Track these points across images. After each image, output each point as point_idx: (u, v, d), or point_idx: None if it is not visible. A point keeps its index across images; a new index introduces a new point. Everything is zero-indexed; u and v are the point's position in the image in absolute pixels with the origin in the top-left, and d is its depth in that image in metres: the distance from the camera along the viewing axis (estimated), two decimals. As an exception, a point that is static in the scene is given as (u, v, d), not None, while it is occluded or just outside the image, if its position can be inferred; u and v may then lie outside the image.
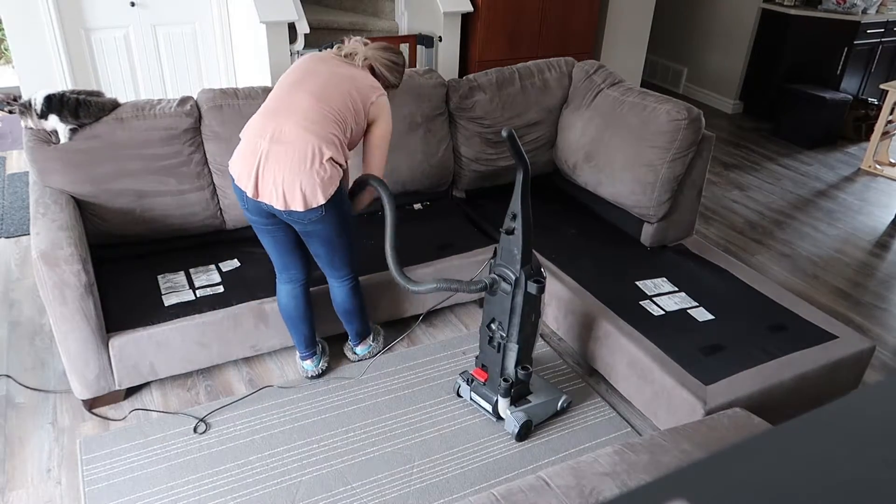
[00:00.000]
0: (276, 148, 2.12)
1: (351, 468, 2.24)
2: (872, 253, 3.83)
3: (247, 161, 2.16)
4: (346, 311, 2.56)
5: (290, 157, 2.11)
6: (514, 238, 2.18)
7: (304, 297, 2.47)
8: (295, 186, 2.12)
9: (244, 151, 2.17)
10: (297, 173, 2.11)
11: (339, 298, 2.52)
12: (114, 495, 2.11)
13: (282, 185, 2.12)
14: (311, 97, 2.17)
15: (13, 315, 2.96)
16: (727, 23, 5.95)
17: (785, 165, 5.01)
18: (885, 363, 2.91)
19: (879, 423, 0.41)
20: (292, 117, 2.14)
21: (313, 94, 2.17)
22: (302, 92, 2.18)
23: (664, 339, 2.41)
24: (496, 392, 2.39)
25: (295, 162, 2.11)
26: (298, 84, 2.20)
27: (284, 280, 2.45)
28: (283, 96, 2.19)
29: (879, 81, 5.70)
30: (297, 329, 2.51)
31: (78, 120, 2.49)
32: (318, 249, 2.35)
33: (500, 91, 3.18)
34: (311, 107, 2.15)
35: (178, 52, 4.41)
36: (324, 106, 2.16)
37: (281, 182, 2.12)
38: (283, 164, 2.11)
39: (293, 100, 2.17)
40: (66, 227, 2.27)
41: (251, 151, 2.15)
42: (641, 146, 2.84)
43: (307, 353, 2.58)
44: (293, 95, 2.18)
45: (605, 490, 1.62)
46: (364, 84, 2.26)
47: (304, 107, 2.15)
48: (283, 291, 2.46)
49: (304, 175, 2.11)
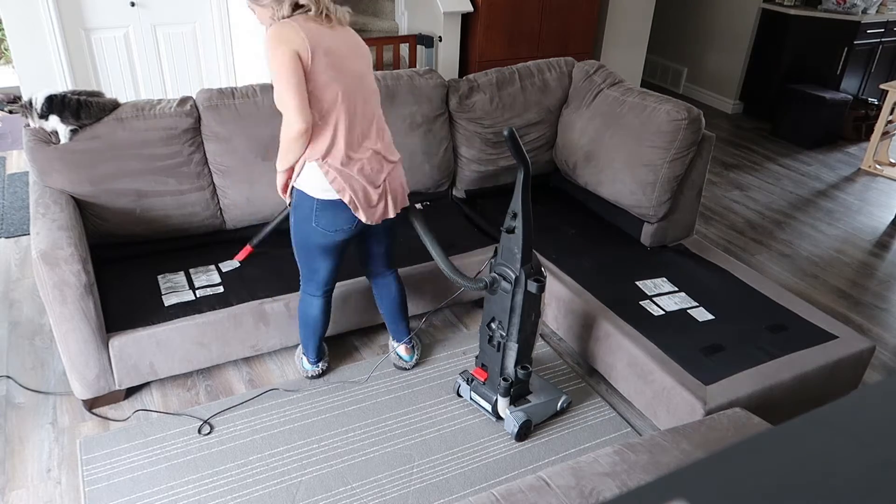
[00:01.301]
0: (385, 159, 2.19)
1: (351, 468, 2.24)
2: (872, 253, 3.83)
3: (373, 188, 2.16)
4: (401, 303, 2.55)
5: (393, 160, 2.22)
6: (515, 237, 2.18)
7: (330, 305, 2.49)
8: (404, 185, 2.26)
9: (365, 180, 2.14)
10: (399, 173, 2.24)
11: (395, 292, 2.52)
12: (114, 495, 2.11)
13: (394, 190, 2.23)
14: (362, 89, 2.14)
15: (13, 315, 2.96)
16: (727, 23, 5.95)
17: (785, 165, 5.01)
18: (885, 363, 2.91)
19: (879, 423, 0.41)
20: (369, 124, 2.16)
21: (362, 85, 2.14)
22: (355, 86, 2.11)
23: (664, 339, 2.41)
24: (496, 392, 2.39)
25: (396, 161, 2.22)
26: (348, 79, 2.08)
27: (322, 294, 2.41)
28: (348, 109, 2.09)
29: (879, 81, 5.70)
30: (317, 337, 2.50)
31: (79, 121, 2.49)
32: (386, 243, 2.41)
33: (500, 91, 3.18)
34: (367, 99, 2.16)
35: (178, 52, 4.41)
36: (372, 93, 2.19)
37: (395, 187, 2.22)
38: (395, 170, 2.23)
39: (358, 100, 2.12)
40: (66, 227, 2.27)
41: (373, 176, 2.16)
42: (641, 146, 2.84)
43: (316, 359, 2.58)
44: (353, 93, 2.10)
45: (605, 490, 1.62)
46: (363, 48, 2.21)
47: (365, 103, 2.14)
48: (317, 305, 2.41)
49: (402, 172, 2.26)
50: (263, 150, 2.77)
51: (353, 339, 2.86)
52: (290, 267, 2.72)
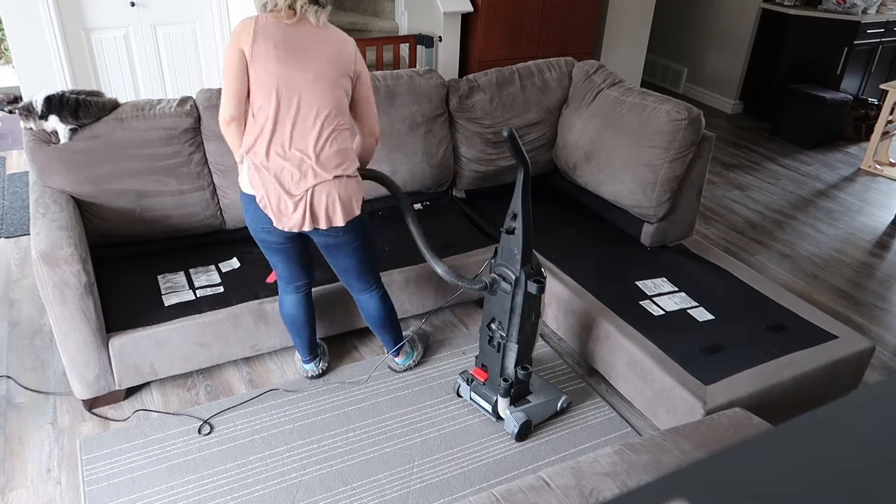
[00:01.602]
0: (314, 172, 2.05)
1: (351, 468, 2.24)
2: (872, 253, 3.83)
3: (288, 197, 2.06)
4: (381, 321, 2.48)
5: (327, 177, 2.06)
6: (515, 237, 2.18)
7: (309, 303, 2.45)
8: (335, 203, 2.08)
9: (278, 184, 2.05)
10: (337, 190, 2.07)
11: (371, 311, 2.45)
12: (114, 495, 2.11)
13: (324, 208, 2.08)
14: (312, 98, 2.03)
15: (13, 315, 2.96)
16: (727, 23, 5.95)
17: (785, 165, 5.01)
18: (885, 363, 2.91)
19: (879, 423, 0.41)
20: (307, 129, 2.04)
21: (312, 95, 2.03)
22: (300, 94, 2.02)
23: (664, 339, 2.41)
24: (496, 392, 2.39)
25: (333, 180, 2.07)
26: (291, 85, 2.02)
27: (290, 291, 2.40)
28: (286, 102, 2.02)
29: (879, 81, 5.70)
30: (301, 335, 2.49)
31: (78, 120, 2.49)
32: (347, 262, 2.28)
33: (500, 91, 3.18)
34: (317, 110, 2.04)
35: (178, 52, 4.41)
36: (326, 104, 2.06)
37: (324, 205, 2.08)
38: (324, 187, 2.06)
39: (300, 107, 2.03)
40: (66, 227, 2.27)
41: (290, 184, 2.05)
42: (641, 146, 2.84)
43: (309, 358, 2.57)
44: (294, 101, 2.02)
45: (605, 490, 1.62)
46: (338, 46, 2.07)
47: (311, 114, 2.04)
48: (288, 302, 2.42)
49: (342, 189, 2.08)
50: (263, 150, 2.77)
51: (353, 339, 2.86)
52: (290, 267, 2.73)
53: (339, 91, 2.09)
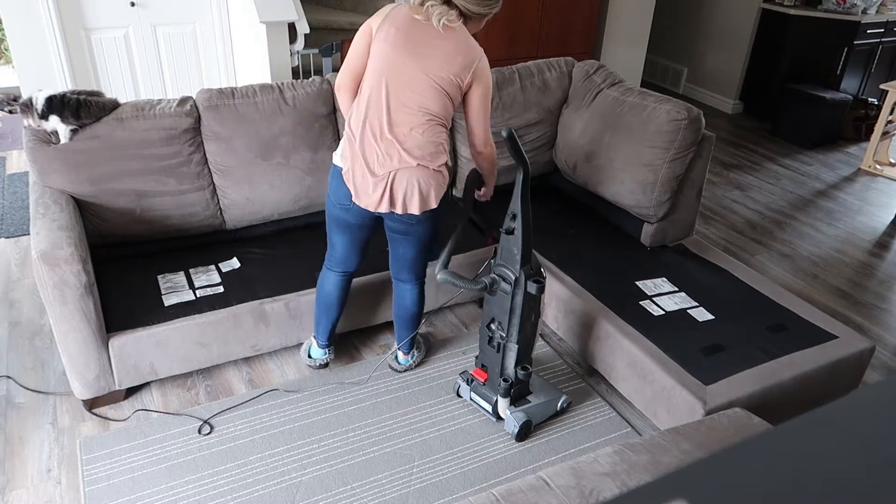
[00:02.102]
0: (401, 158, 2.10)
1: (351, 468, 2.24)
2: (872, 253, 3.83)
3: (372, 177, 2.13)
4: (411, 315, 2.52)
5: (412, 164, 2.11)
6: (514, 238, 2.18)
7: (346, 288, 2.50)
8: (415, 191, 2.14)
9: (367, 163, 2.12)
10: (418, 178, 2.13)
11: (408, 301, 2.49)
12: (114, 495, 2.11)
13: (403, 192, 2.14)
14: (418, 91, 2.07)
15: (13, 315, 2.96)
16: (727, 23, 5.95)
17: (785, 165, 5.01)
18: (885, 363, 2.91)
19: (879, 423, 0.41)
20: (406, 118, 2.09)
21: (420, 88, 2.07)
22: (407, 85, 2.08)
23: (664, 339, 2.41)
24: (496, 392, 2.39)
25: (416, 167, 2.12)
26: (401, 76, 2.07)
27: (337, 270, 2.45)
28: (391, 90, 2.08)
29: (879, 81, 5.70)
30: (328, 316, 2.53)
31: (79, 120, 2.49)
32: (407, 251, 2.35)
33: (500, 91, 3.18)
34: (419, 103, 2.09)
35: (178, 52, 4.41)
36: (430, 100, 2.10)
37: (403, 189, 2.13)
38: (406, 173, 2.12)
39: (401, 96, 2.08)
40: (66, 227, 2.27)
41: (377, 165, 2.11)
42: (641, 146, 2.84)
43: (326, 342, 2.60)
44: (400, 90, 2.08)
45: (605, 490, 1.62)
46: (465, 50, 2.11)
47: (413, 104, 2.09)
48: (330, 279, 2.46)
49: (423, 178, 2.13)
50: (263, 150, 2.77)
51: (353, 339, 2.86)
52: (290, 267, 2.72)
53: (442, 92, 2.12)
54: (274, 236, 2.94)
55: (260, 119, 2.75)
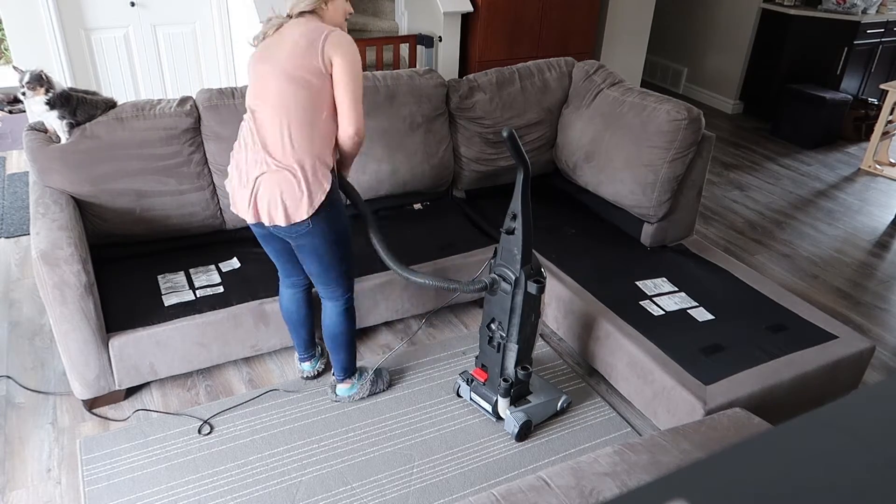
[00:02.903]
0: (264, 170, 2.04)
1: (351, 468, 2.24)
2: (872, 253, 3.83)
3: (241, 186, 2.10)
4: (335, 336, 2.37)
5: (274, 175, 2.02)
6: (514, 238, 2.18)
7: (306, 301, 2.45)
8: (277, 202, 2.03)
9: (237, 178, 2.12)
10: (280, 191, 2.02)
11: (328, 321, 2.35)
12: (114, 495, 2.11)
13: (266, 202, 2.05)
14: (274, 107, 2.02)
15: (13, 315, 2.96)
16: (727, 23, 5.95)
17: (785, 165, 5.01)
18: (885, 363, 2.91)
19: (879, 423, 0.41)
20: (268, 134, 2.03)
21: (274, 102, 2.01)
22: (264, 102, 2.04)
23: (664, 339, 2.41)
24: (496, 392, 2.39)
25: (278, 180, 2.02)
26: (259, 94, 2.05)
27: (287, 284, 2.42)
28: (252, 108, 2.08)
29: (879, 81, 5.70)
30: (297, 332, 2.51)
31: (74, 117, 2.50)
32: (309, 265, 2.23)
33: (500, 91, 3.18)
34: (277, 117, 2.01)
35: (178, 52, 4.41)
36: (288, 111, 2.01)
37: (266, 199, 2.05)
38: (269, 183, 2.03)
39: (262, 114, 2.04)
40: (66, 227, 2.27)
41: (244, 176, 2.09)
42: (641, 146, 2.84)
43: (306, 356, 2.58)
44: (259, 108, 2.05)
45: (605, 490, 1.62)
46: (307, 40, 2.00)
47: (272, 120, 2.02)
48: (286, 295, 2.44)
49: (286, 191, 2.02)
50: (263, 150, 2.77)
51: (353, 339, 2.86)
52: (290, 267, 2.72)
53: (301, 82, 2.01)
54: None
55: (260, 119, 2.74)
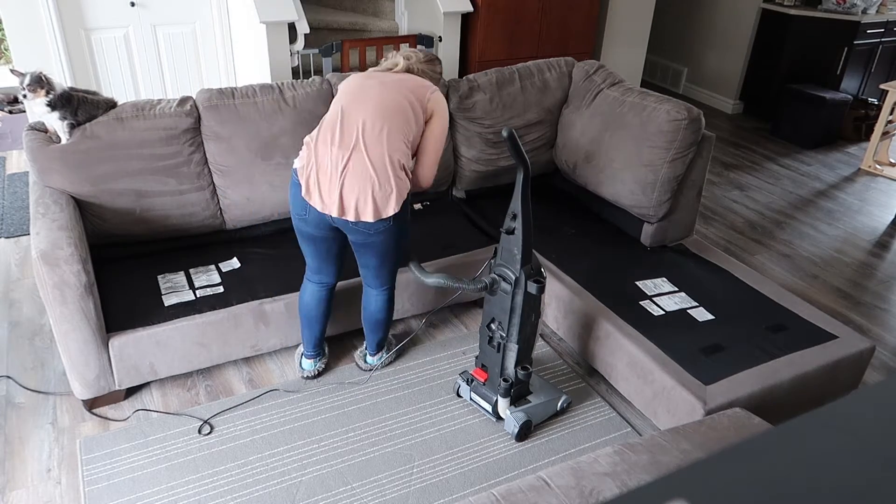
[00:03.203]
0: (355, 160, 2.13)
1: (351, 468, 2.24)
2: (872, 253, 3.83)
3: (326, 178, 2.15)
4: (377, 320, 2.53)
5: (366, 168, 2.12)
6: (514, 238, 2.18)
7: (328, 299, 2.48)
8: (368, 197, 2.13)
9: (320, 167, 2.16)
10: (372, 184, 2.13)
11: (373, 307, 2.50)
12: (114, 495, 2.11)
13: (355, 198, 2.14)
14: (375, 106, 2.17)
15: (13, 315, 2.96)
16: (727, 23, 5.95)
17: (785, 165, 5.01)
18: (885, 363, 2.90)
19: (879, 423, 0.41)
20: (361, 125, 2.15)
21: (376, 104, 2.17)
22: (364, 104, 2.18)
23: (664, 339, 2.41)
24: (496, 392, 2.39)
25: (371, 173, 2.12)
26: (358, 99, 2.20)
27: (314, 280, 2.45)
28: (347, 111, 2.18)
29: (879, 81, 5.70)
30: (311, 328, 2.51)
31: (76, 118, 2.50)
32: (370, 260, 2.35)
33: (500, 91, 3.18)
34: (377, 114, 2.16)
35: (178, 52, 4.41)
36: (389, 113, 2.17)
37: (356, 194, 2.13)
38: (360, 176, 2.13)
39: (358, 113, 2.17)
40: (66, 227, 2.27)
41: (330, 167, 2.14)
42: (641, 146, 2.84)
43: (312, 353, 2.58)
44: (357, 109, 2.18)
45: (605, 490, 1.62)
46: (415, 84, 2.26)
47: (371, 115, 2.16)
48: (309, 290, 2.46)
49: (378, 185, 2.13)
50: (263, 150, 2.77)
51: (352, 339, 2.86)
52: (290, 267, 2.72)
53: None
54: (274, 236, 2.94)
55: (260, 119, 2.75)
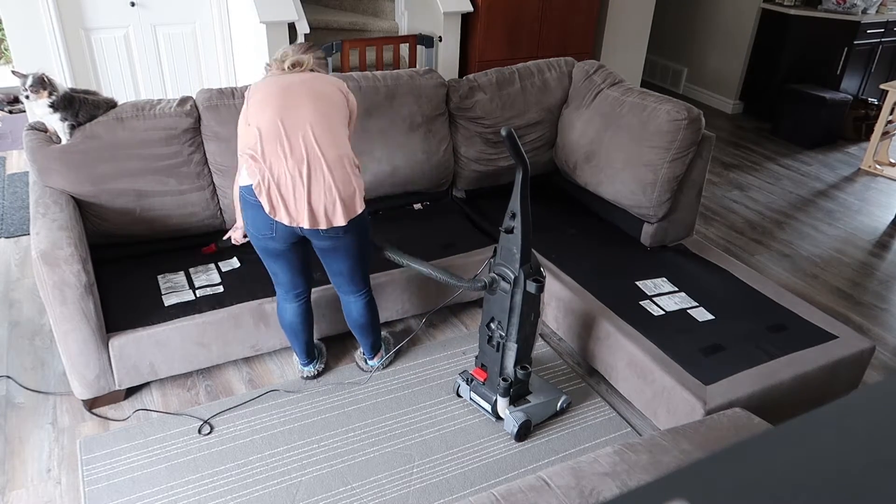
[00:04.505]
0: (314, 168, 2.05)
1: (351, 468, 2.24)
2: (872, 253, 3.83)
3: (290, 192, 2.05)
4: (362, 325, 2.50)
5: (327, 174, 2.06)
6: (514, 237, 2.18)
7: (307, 310, 2.45)
8: (336, 202, 2.08)
9: (280, 182, 2.05)
10: (337, 188, 2.07)
11: (355, 314, 2.46)
12: (114, 495, 2.11)
13: (323, 205, 2.07)
14: (313, 107, 2.11)
15: (13, 315, 2.96)
16: (727, 23, 5.95)
17: (785, 165, 5.01)
18: (885, 363, 2.90)
19: (879, 423, 0.40)
20: (310, 133, 2.07)
21: (313, 103, 2.12)
22: (300, 108, 2.10)
23: (664, 339, 2.41)
24: (495, 392, 2.38)
25: (333, 178, 2.07)
26: (290, 103, 2.11)
27: (291, 299, 2.39)
28: (286, 118, 2.09)
29: (879, 81, 5.70)
30: (299, 339, 2.49)
31: (76, 118, 2.50)
32: (341, 265, 2.28)
33: (500, 91, 3.18)
34: (319, 116, 2.10)
35: (178, 52, 4.41)
36: (327, 110, 2.13)
37: (323, 202, 2.07)
38: (324, 183, 2.06)
39: (299, 119, 2.09)
40: (66, 227, 2.27)
41: (290, 181, 2.04)
42: (641, 146, 2.84)
43: (307, 360, 2.57)
44: (295, 114, 2.09)
45: (605, 490, 1.62)
46: (328, 80, 2.23)
47: (314, 119, 2.09)
48: (289, 310, 2.41)
49: (343, 187, 2.08)
50: (263, 150, 2.77)
51: (352, 339, 2.85)
52: (290, 267, 2.72)
53: None
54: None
55: (260, 119, 2.74)
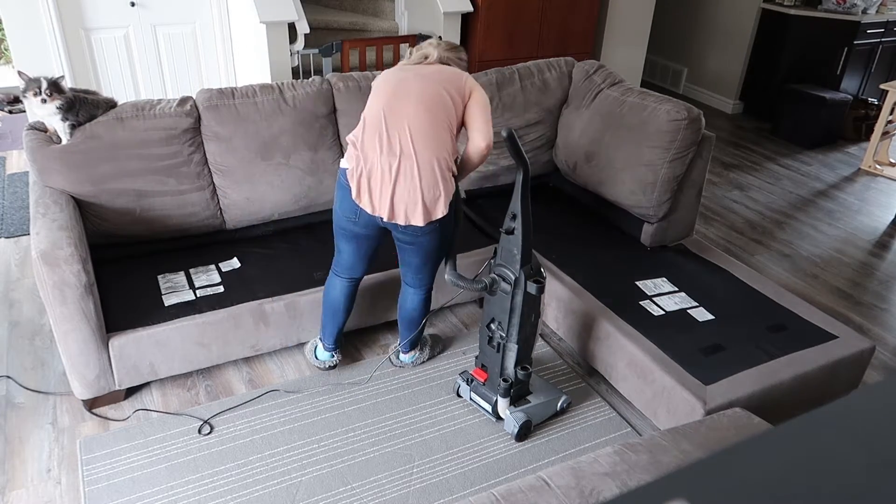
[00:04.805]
0: (405, 167, 2.14)
1: (351, 468, 2.24)
2: (872, 253, 3.83)
3: (378, 184, 2.16)
4: (412, 319, 2.55)
5: (416, 175, 2.13)
6: (514, 238, 2.18)
7: (353, 293, 2.51)
8: (418, 203, 2.15)
9: (371, 173, 2.16)
10: (421, 190, 2.14)
11: (410, 306, 2.52)
12: (114, 495, 2.11)
13: (405, 203, 2.15)
14: (417, 105, 2.16)
15: (13, 315, 2.96)
16: (727, 23, 5.95)
17: (785, 165, 5.01)
18: (885, 363, 2.90)
19: (879, 423, 0.41)
20: (407, 131, 2.15)
21: (417, 102, 2.16)
22: (406, 104, 2.17)
23: (664, 339, 2.41)
24: (496, 392, 2.39)
25: (421, 179, 2.14)
26: (398, 98, 2.18)
27: (344, 276, 2.46)
28: (389, 113, 2.17)
29: (879, 81, 5.70)
30: (335, 321, 2.53)
31: (77, 118, 2.50)
32: (413, 259, 2.37)
33: (500, 91, 3.18)
34: (420, 116, 2.15)
35: (178, 52, 4.41)
36: (432, 110, 2.16)
37: (406, 201, 2.15)
38: (410, 183, 2.14)
39: (402, 115, 2.16)
40: (66, 227, 2.27)
41: (381, 174, 2.15)
42: (641, 146, 2.84)
43: (332, 346, 2.60)
44: (400, 110, 2.16)
45: (605, 490, 1.62)
46: (450, 73, 2.25)
47: (414, 118, 2.15)
48: (337, 285, 2.47)
49: (427, 190, 2.15)
50: (263, 150, 2.77)
51: (353, 339, 2.86)
52: (290, 267, 2.72)
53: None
54: (274, 236, 2.94)
55: (260, 119, 2.75)
